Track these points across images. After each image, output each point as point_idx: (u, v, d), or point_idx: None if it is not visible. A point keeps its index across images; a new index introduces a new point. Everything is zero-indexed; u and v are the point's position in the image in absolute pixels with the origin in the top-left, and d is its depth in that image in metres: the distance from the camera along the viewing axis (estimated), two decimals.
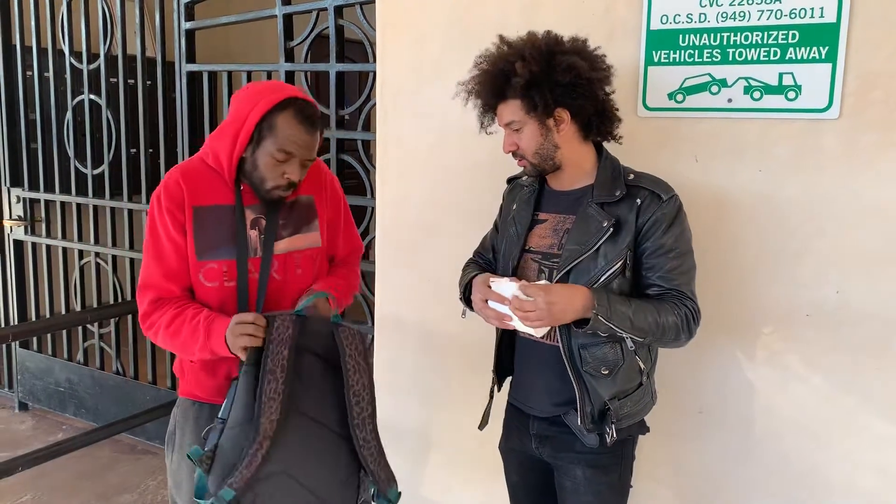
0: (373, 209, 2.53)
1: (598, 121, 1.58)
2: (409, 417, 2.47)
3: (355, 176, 2.73)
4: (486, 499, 2.30)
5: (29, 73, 3.63)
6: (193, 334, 1.58)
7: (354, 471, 1.57)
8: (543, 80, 1.50)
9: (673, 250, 1.51)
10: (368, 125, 2.61)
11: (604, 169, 1.59)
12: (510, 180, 1.82)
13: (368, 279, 2.61)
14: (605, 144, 1.66)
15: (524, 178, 1.74)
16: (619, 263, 1.51)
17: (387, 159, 2.38)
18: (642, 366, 1.57)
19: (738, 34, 1.78)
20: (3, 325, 3.92)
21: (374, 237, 2.48)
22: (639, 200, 1.53)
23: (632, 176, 1.57)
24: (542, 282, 1.53)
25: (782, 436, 1.86)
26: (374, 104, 2.40)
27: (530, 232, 1.65)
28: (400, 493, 1.60)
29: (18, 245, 3.80)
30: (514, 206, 1.71)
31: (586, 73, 1.52)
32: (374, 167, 2.45)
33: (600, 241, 1.51)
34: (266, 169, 1.60)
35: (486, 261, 1.82)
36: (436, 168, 2.28)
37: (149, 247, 1.65)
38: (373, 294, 2.53)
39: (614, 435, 1.53)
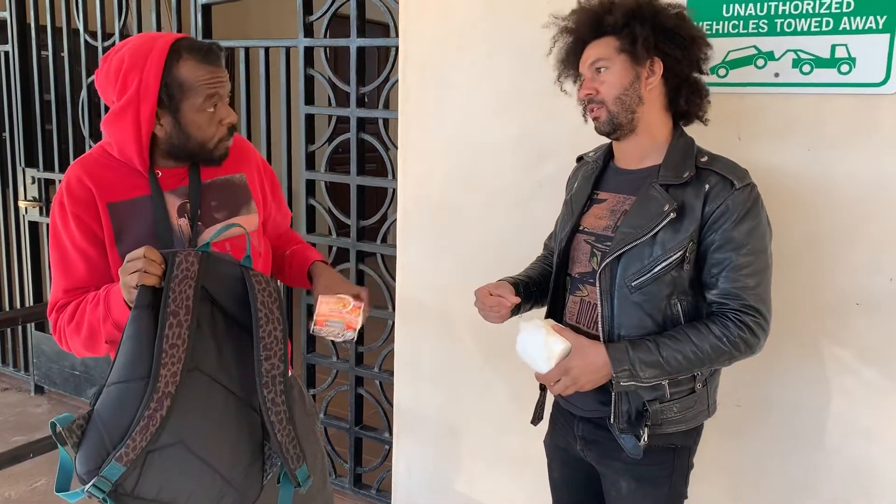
0: (394, 190, 2.45)
1: (687, 90, 1.45)
2: (429, 405, 2.39)
3: (376, 158, 2.65)
4: (509, 487, 2.24)
5: (44, 52, 3.57)
6: (95, 311, 1.35)
7: (260, 444, 1.35)
8: (647, 14, 1.40)
9: (744, 246, 1.36)
10: (388, 104, 2.52)
11: (675, 147, 1.45)
12: (579, 159, 1.69)
13: (389, 263, 2.53)
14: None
15: (591, 153, 1.63)
16: (678, 254, 1.38)
17: (409, 138, 2.29)
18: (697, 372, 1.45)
19: (787, 3, 1.66)
20: (18, 307, 3.90)
21: (395, 219, 2.40)
22: (707, 186, 1.38)
23: (705, 158, 1.42)
24: (560, 346, 1.41)
25: (828, 430, 1.76)
26: (397, 81, 2.32)
27: (587, 211, 1.53)
28: (310, 476, 1.37)
29: (33, 226, 3.76)
30: (576, 184, 1.60)
31: (691, 27, 1.43)
32: (396, 147, 2.37)
33: (658, 227, 1.37)
34: (203, 127, 1.41)
35: (551, 251, 1.71)
36: (461, 147, 2.19)
37: (54, 260, 1.43)
38: (393, 278, 2.46)
39: (646, 438, 1.41)
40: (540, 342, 1.42)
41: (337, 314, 1.48)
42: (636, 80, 1.42)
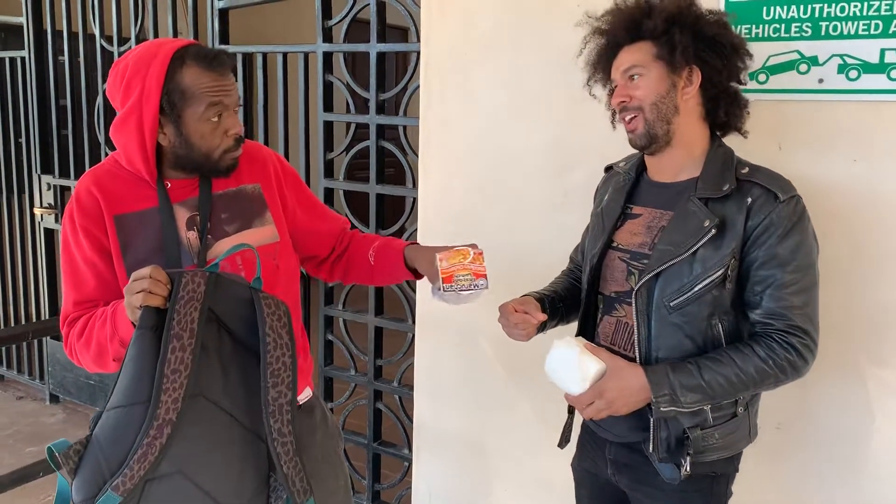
0: (414, 200, 2.38)
1: (726, 101, 1.38)
2: (451, 421, 2.32)
3: (395, 164, 2.58)
4: None
5: (60, 57, 3.54)
6: (102, 329, 1.31)
7: (265, 475, 1.29)
8: (688, 20, 1.33)
9: (789, 263, 1.28)
10: (406, 110, 2.46)
11: (713, 159, 1.37)
12: (608, 168, 1.62)
13: None
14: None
15: (621, 163, 1.55)
16: (720, 272, 1.30)
17: (430, 146, 2.22)
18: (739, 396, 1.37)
19: (833, 5, 1.57)
20: (35, 315, 3.88)
21: (416, 230, 2.33)
22: (750, 199, 1.30)
23: (746, 169, 1.35)
24: (595, 367, 1.33)
25: (873, 456, 1.67)
26: (418, 87, 2.25)
27: (621, 227, 1.46)
28: None
29: (49, 234, 3.73)
30: (607, 197, 1.52)
31: (732, 35, 1.36)
32: (417, 155, 2.30)
33: (699, 244, 1.30)
34: (207, 137, 1.35)
35: (577, 265, 1.64)
36: (484, 155, 2.12)
37: (65, 273, 1.41)
38: (413, 290, 2.39)
39: (688, 468, 1.33)
40: (573, 362, 1.34)
41: (460, 267, 1.40)
42: (672, 89, 1.35)
